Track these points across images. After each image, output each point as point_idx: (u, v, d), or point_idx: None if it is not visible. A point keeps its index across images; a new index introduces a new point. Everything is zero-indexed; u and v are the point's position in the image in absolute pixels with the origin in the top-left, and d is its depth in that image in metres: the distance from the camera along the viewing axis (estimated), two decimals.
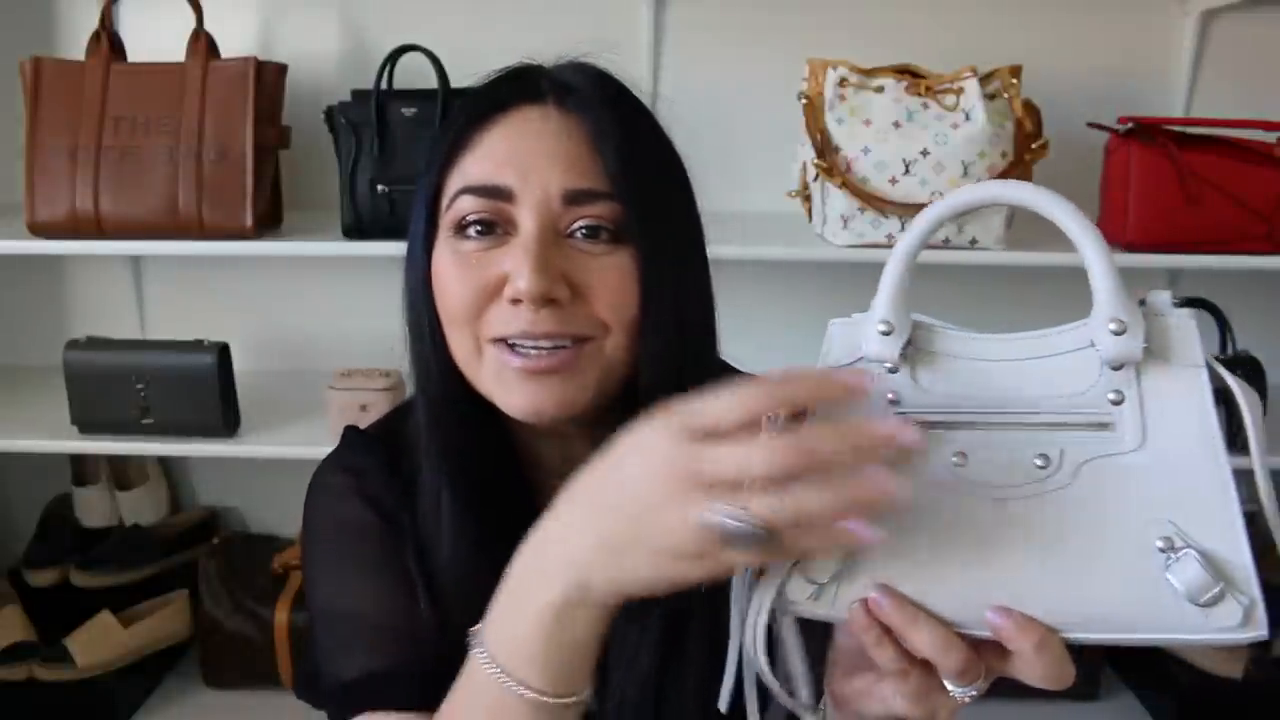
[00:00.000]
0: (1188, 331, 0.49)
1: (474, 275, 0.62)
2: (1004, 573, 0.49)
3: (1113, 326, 0.48)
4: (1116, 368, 0.48)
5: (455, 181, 0.64)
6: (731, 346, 0.77)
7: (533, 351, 0.61)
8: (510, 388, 0.63)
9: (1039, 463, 0.49)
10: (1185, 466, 0.47)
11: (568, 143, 0.62)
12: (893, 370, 0.53)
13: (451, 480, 0.68)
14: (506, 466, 0.71)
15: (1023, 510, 0.49)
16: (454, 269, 0.63)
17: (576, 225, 0.62)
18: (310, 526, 0.75)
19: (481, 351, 0.64)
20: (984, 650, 0.49)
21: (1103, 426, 0.48)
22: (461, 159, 0.64)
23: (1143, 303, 0.50)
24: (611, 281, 0.62)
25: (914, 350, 0.53)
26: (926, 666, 0.50)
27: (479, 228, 0.63)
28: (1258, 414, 0.47)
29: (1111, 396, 0.48)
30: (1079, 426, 0.49)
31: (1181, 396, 0.47)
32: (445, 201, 0.65)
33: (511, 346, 0.62)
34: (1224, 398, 0.49)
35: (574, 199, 0.62)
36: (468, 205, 0.63)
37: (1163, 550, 0.46)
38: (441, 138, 0.67)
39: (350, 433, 0.79)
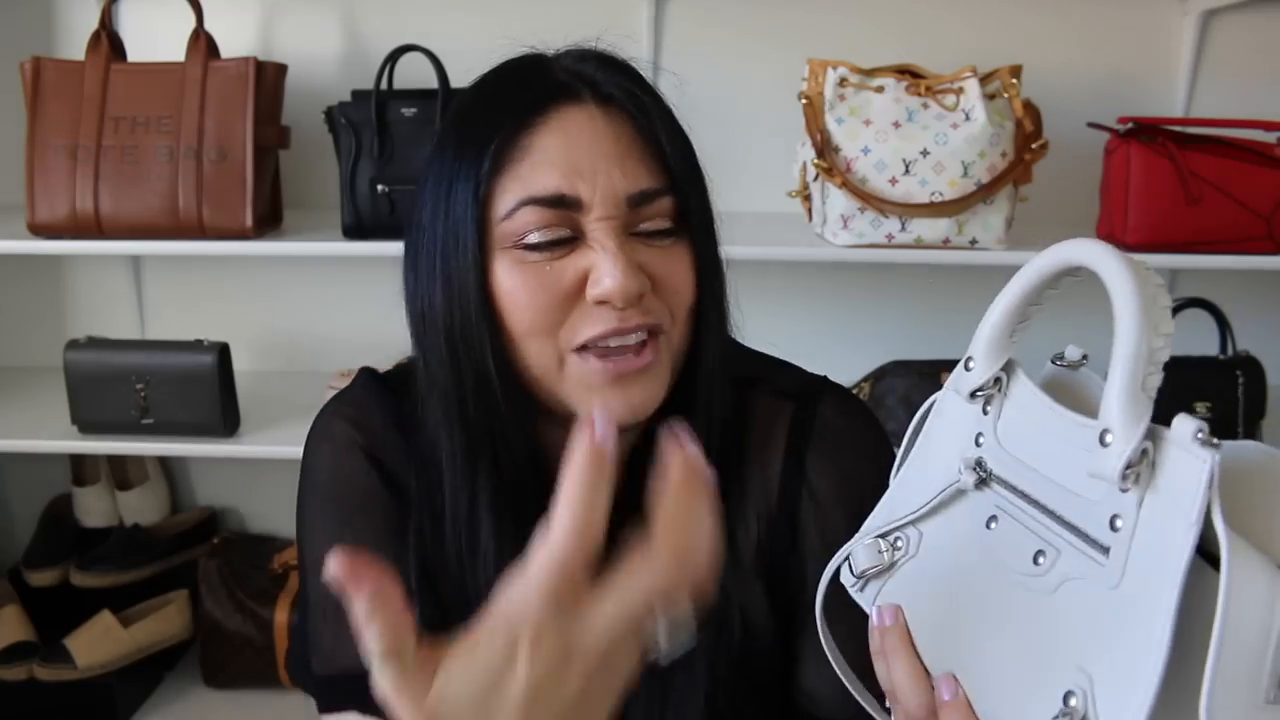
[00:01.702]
0: (1192, 476, 0.38)
1: (550, 283, 0.61)
2: (970, 647, 0.48)
3: (1105, 436, 0.41)
4: (1124, 488, 0.41)
5: (512, 191, 0.61)
6: None
7: (620, 351, 0.62)
8: (603, 395, 0.62)
9: (1037, 559, 0.45)
10: (1135, 630, 0.39)
11: (621, 143, 0.62)
12: (985, 411, 0.51)
13: (493, 498, 0.65)
14: (537, 467, 0.68)
15: (1006, 598, 0.47)
16: (527, 281, 0.61)
17: (643, 226, 0.63)
18: (310, 474, 0.72)
19: (564, 363, 0.62)
20: None
21: (1100, 548, 0.42)
22: (512, 167, 0.61)
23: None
24: (676, 272, 0.64)
25: (999, 393, 0.51)
26: None
27: (548, 244, 0.61)
28: (1245, 617, 0.37)
29: (1116, 521, 0.42)
30: (1084, 537, 0.43)
31: (1164, 549, 0.39)
32: (501, 212, 0.61)
33: (598, 352, 0.62)
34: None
35: (639, 201, 0.62)
36: (535, 217, 0.61)
37: (1064, 705, 0.42)
38: (471, 142, 0.62)
39: (365, 376, 0.76)
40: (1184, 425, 0.39)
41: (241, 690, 1.57)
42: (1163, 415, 0.41)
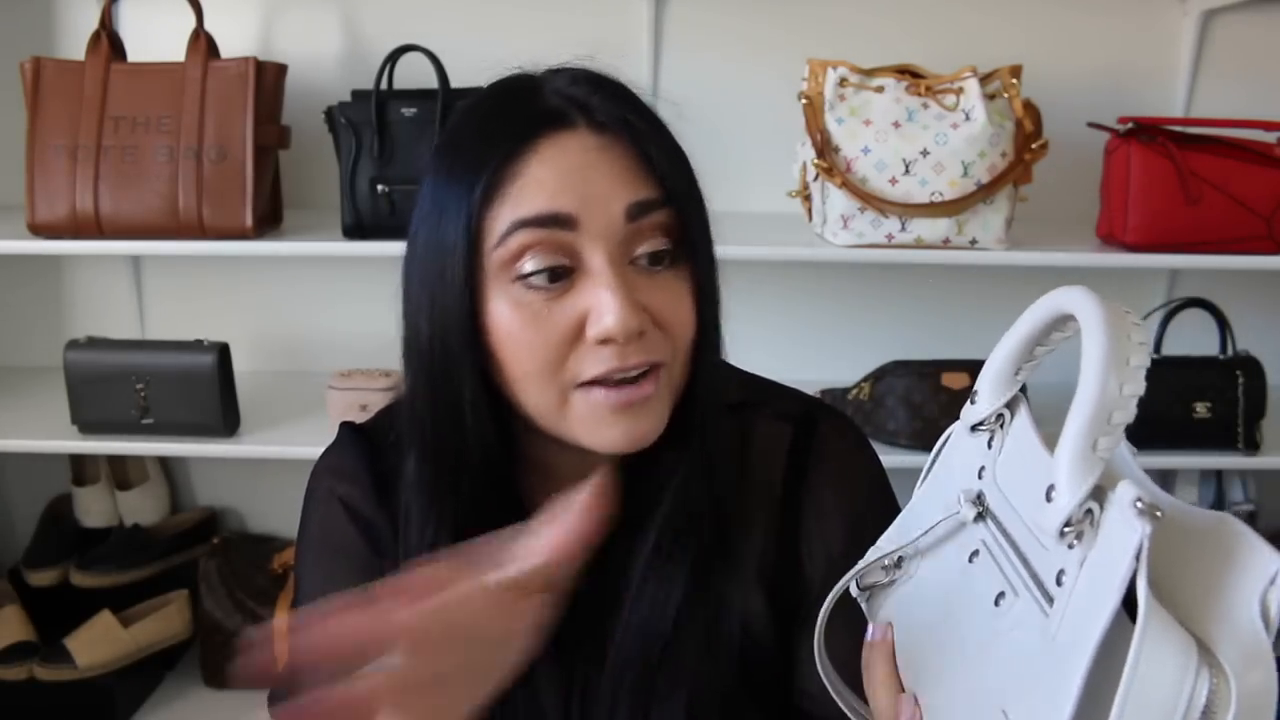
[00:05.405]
0: (1125, 543, 0.37)
1: (549, 325, 0.60)
2: (935, 674, 0.49)
3: (1050, 491, 0.41)
4: (1069, 545, 0.40)
5: (503, 217, 0.60)
6: (731, 348, 0.77)
7: (624, 386, 0.61)
8: (607, 425, 0.62)
9: (998, 600, 0.45)
10: (1054, 684, 0.39)
11: (614, 163, 0.61)
12: (989, 445, 0.50)
13: (453, 539, 0.65)
14: (513, 504, 0.68)
15: (968, 632, 0.47)
16: (525, 325, 0.60)
17: (641, 249, 0.62)
18: (302, 527, 0.76)
19: (567, 400, 0.62)
20: None
21: (1049, 599, 0.41)
22: (503, 194, 0.60)
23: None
24: (675, 305, 0.63)
25: (1001, 429, 0.50)
26: None
27: (544, 274, 0.60)
28: (1152, 688, 0.36)
29: (1063, 576, 0.41)
30: (1040, 586, 0.43)
31: (1093, 611, 0.38)
32: (494, 240, 0.60)
33: (601, 385, 0.61)
34: None
35: (636, 213, 0.60)
36: (527, 239, 0.59)
37: None
38: (463, 171, 0.62)
39: (344, 430, 0.77)
40: (1125, 492, 0.38)
41: (241, 690, 1.57)
42: (1163, 416, 0.41)
